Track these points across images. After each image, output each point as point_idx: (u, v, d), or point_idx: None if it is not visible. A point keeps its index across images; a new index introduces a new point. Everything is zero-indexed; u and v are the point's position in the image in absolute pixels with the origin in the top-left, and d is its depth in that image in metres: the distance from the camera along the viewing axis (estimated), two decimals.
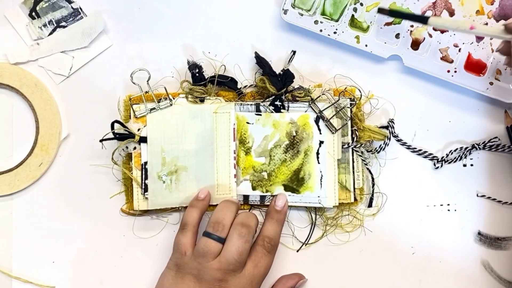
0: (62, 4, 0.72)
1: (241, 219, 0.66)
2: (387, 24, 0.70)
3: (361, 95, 0.71)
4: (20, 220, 0.72)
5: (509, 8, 0.69)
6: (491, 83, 0.69)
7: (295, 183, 0.70)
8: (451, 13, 0.69)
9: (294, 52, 0.72)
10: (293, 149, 0.70)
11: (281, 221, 0.68)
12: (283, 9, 0.70)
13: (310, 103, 0.70)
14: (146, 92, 0.69)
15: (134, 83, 0.68)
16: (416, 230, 0.72)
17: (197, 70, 0.70)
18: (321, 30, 0.70)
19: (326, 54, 0.72)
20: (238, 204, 0.68)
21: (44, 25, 0.72)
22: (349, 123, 0.69)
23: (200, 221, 0.67)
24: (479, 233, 0.72)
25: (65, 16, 0.72)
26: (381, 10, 0.67)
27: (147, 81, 0.68)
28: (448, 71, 0.70)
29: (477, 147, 0.71)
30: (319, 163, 0.70)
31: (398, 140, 0.72)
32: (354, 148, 0.69)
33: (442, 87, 0.72)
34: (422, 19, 0.63)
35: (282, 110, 0.70)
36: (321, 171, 0.69)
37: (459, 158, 0.72)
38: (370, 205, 0.71)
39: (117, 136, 0.68)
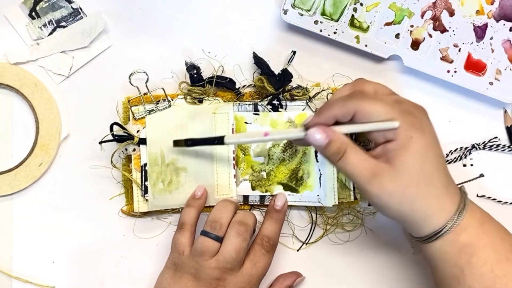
0: (62, 4, 0.72)
1: (239, 217, 0.66)
2: (387, 24, 0.70)
3: None
4: (20, 220, 0.72)
5: (509, 8, 0.69)
6: (491, 83, 0.69)
7: (294, 182, 0.70)
8: (451, 13, 0.69)
9: (294, 52, 0.71)
10: (291, 148, 0.70)
11: (280, 221, 0.68)
12: (283, 9, 0.70)
13: (308, 101, 0.69)
14: (145, 93, 0.69)
15: (132, 85, 0.68)
16: None
17: (195, 71, 0.70)
18: (321, 30, 0.70)
19: (326, 54, 0.72)
20: (237, 204, 0.68)
21: (44, 25, 0.72)
22: None
23: (198, 220, 0.68)
24: None
25: (65, 16, 0.72)
26: (176, 143, 0.67)
27: (146, 82, 0.68)
28: (448, 71, 0.70)
29: (477, 147, 0.71)
30: (317, 161, 0.70)
31: None
32: None
33: (442, 87, 0.72)
34: (219, 140, 0.62)
35: (280, 109, 0.70)
36: (320, 170, 0.69)
37: (459, 158, 0.71)
38: (370, 204, 0.71)
39: (116, 138, 0.68)
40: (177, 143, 0.68)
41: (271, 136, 0.59)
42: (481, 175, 0.71)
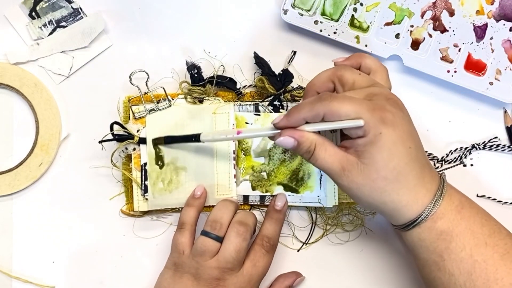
0: (62, 4, 0.72)
1: (239, 217, 0.66)
2: (387, 24, 0.70)
3: None
4: (20, 220, 0.72)
5: (509, 8, 0.69)
6: (491, 83, 0.69)
7: (295, 183, 0.70)
8: (451, 13, 0.69)
9: (295, 53, 0.72)
10: None
11: (280, 221, 0.68)
12: (283, 9, 0.70)
13: None
14: (145, 93, 0.69)
15: (133, 84, 0.68)
16: None
17: (195, 71, 0.70)
18: (321, 30, 0.70)
19: (326, 54, 0.72)
20: (237, 204, 0.68)
21: (44, 25, 0.72)
22: None
23: (198, 220, 0.67)
24: None
25: (65, 16, 0.72)
26: (155, 140, 0.69)
27: (146, 82, 0.68)
28: (448, 71, 0.70)
29: (477, 147, 0.71)
30: None
31: None
32: None
33: (442, 87, 0.72)
34: (195, 137, 0.64)
35: (281, 110, 0.70)
36: (320, 171, 0.69)
37: (459, 158, 0.72)
38: None
39: (116, 137, 0.68)
40: (156, 140, 0.68)
41: (244, 134, 0.60)
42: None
